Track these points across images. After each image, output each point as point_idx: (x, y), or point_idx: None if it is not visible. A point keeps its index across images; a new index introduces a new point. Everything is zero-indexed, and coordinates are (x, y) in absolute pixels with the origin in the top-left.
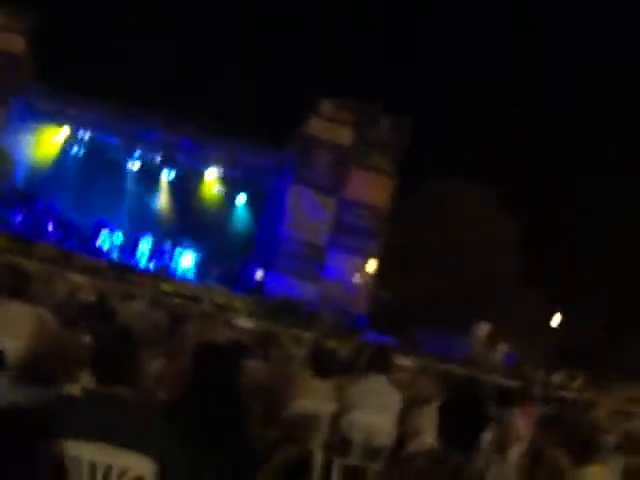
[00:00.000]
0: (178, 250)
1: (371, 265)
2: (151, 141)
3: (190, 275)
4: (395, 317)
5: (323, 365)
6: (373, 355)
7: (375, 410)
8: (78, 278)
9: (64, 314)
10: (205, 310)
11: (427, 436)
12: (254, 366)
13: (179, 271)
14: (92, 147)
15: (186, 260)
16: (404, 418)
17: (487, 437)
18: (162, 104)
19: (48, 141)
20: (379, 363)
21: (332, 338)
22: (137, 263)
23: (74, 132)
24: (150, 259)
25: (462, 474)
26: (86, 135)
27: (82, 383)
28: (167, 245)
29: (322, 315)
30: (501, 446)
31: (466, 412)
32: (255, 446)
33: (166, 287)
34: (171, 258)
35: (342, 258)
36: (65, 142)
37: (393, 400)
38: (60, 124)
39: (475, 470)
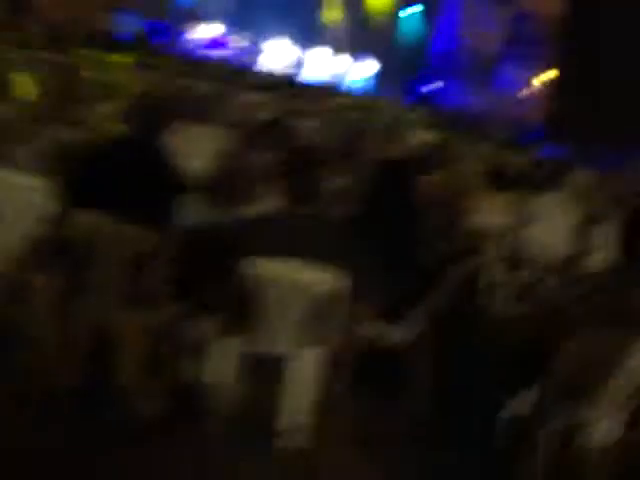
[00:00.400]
0: (352, 63)
1: (547, 75)
2: None
3: (365, 88)
4: (574, 129)
5: (500, 178)
6: (552, 170)
7: (551, 225)
8: (253, 96)
9: (243, 133)
10: (381, 125)
11: (602, 253)
12: (430, 179)
13: (354, 85)
14: None
15: (361, 73)
16: (580, 235)
17: None
18: None
19: None
20: (557, 178)
21: (508, 150)
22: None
23: None
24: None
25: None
26: None
27: (266, 202)
28: (341, 58)
29: (496, 126)
30: None
31: None
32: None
33: (343, 101)
34: (346, 72)
35: (516, 69)
36: None
37: (569, 216)
38: None
39: None
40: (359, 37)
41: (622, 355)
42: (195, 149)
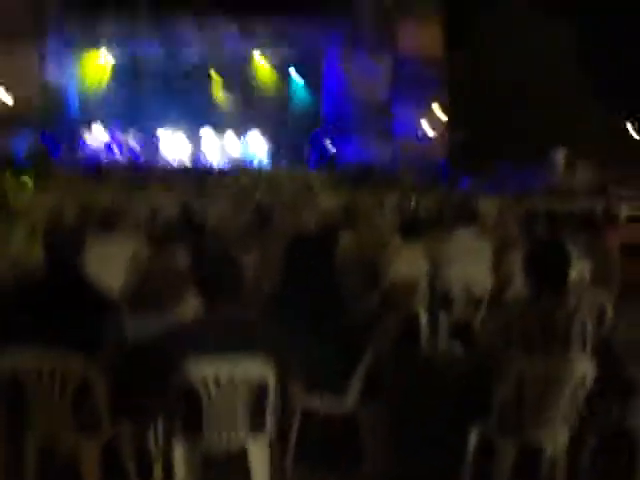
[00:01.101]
0: (244, 140)
1: (438, 111)
2: (193, 39)
3: (263, 162)
4: (472, 157)
5: (411, 228)
6: (458, 207)
7: (469, 262)
8: (158, 197)
9: (153, 237)
10: (287, 196)
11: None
12: (345, 243)
13: (252, 160)
14: (135, 61)
15: (256, 148)
16: (496, 266)
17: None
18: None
19: (92, 66)
20: (465, 214)
21: (415, 193)
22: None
23: (114, 51)
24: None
25: (553, 316)
26: (126, 50)
27: (190, 302)
28: (233, 137)
29: (401, 173)
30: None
31: (550, 253)
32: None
33: (246, 180)
34: (241, 150)
35: (408, 111)
36: (107, 63)
37: (484, 249)
38: (98, 46)
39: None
40: (248, 113)
41: (564, 374)
42: (109, 262)
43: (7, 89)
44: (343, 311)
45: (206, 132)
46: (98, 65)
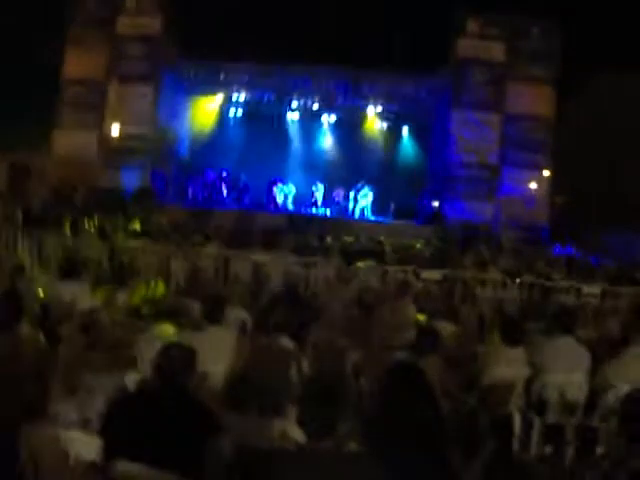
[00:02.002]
0: (352, 193)
1: (545, 175)
2: (307, 89)
3: (368, 215)
4: (575, 223)
5: (513, 334)
6: (558, 315)
7: (566, 369)
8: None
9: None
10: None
11: (620, 387)
12: (446, 334)
13: (356, 213)
14: (249, 107)
15: (362, 201)
16: (595, 373)
17: None
18: (310, 51)
19: (205, 110)
20: (565, 324)
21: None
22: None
23: (228, 96)
24: (326, 206)
25: None
26: (241, 96)
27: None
28: (340, 190)
29: (503, 235)
30: None
31: None
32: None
33: (349, 240)
34: (347, 202)
35: (515, 173)
36: (221, 107)
37: (582, 357)
38: (214, 92)
39: None
40: (356, 165)
41: None
42: (215, 346)
43: (122, 126)
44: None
45: (315, 184)
46: (211, 109)
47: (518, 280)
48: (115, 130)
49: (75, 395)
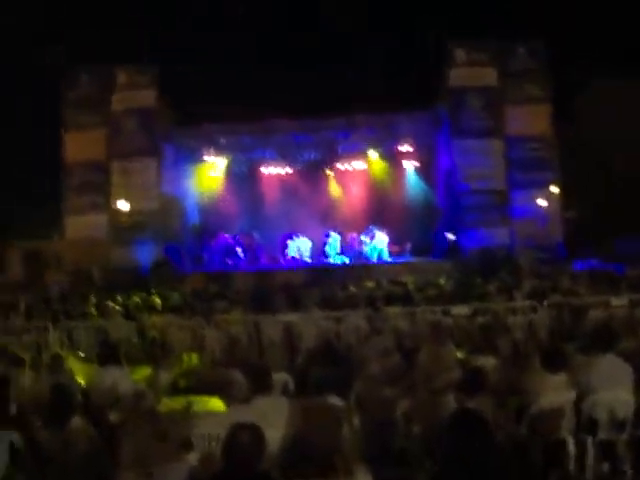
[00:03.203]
0: (365, 238)
1: (553, 191)
2: (308, 142)
3: (385, 257)
4: (591, 236)
5: (553, 361)
6: (596, 334)
7: (613, 386)
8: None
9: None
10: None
11: None
12: (488, 368)
13: (372, 255)
14: (250, 166)
15: (377, 243)
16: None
17: None
18: (303, 106)
19: (209, 175)
20: (603, 342)
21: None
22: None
23: (228, 159)
24: (342, 254)
25: None
26: (241, 158)
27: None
28: (354, 236)
29: (521, 257)
30: None
31: None
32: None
33: (370, 285)
34: (361, 247)
35: (524, 194)
36: (226, 171)
37: (626, 372)
38: (213, 155)
39: None
40: (366, 209)
41: None
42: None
43: (129, 202)
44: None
45: (328, 234)
46: (214, 173)
47: (546, 302)
48: (123, 207)
49: None
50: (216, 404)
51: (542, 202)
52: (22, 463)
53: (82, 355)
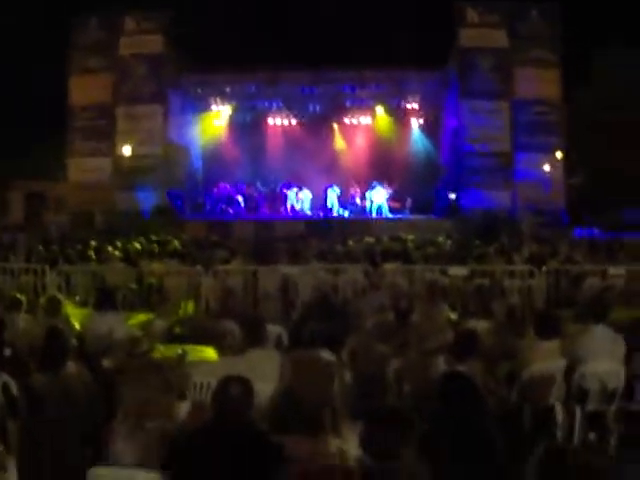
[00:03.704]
0: (368, 192)
1: (558, 157)
2: (314, 94)
3: (385, 213)
4: (593, 203)
5: (547, 328)
6: (590, 304)
7: (604, 357)
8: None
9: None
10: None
11: None
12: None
13: (373, 211)
14: (255, 116)
15: (378, 198)
16: (630, 357)
17: None
18: (312, 57)
19: (213, 124)
20: (598, 312)
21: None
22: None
23: (235, 108)
24: (343, 207)
25: None
26: (248, 107)
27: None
28: (356, 190)
29: (523, 221)
30: None
31: None
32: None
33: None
34: (363, 201)
35: (528, 158)
36: (230, 120)
37: (618, 344)
38: (218, 104)
39: None
40: (369, 164)
41: None
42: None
43: (134, 147)
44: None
45: (330, 187)
46: (219, 122)
47: (544, 268)
48: (127, 152)
49: (135, 435)
50: (209, 353)
51: (546, 167)
52: (16, 407)
53: (78, 299)
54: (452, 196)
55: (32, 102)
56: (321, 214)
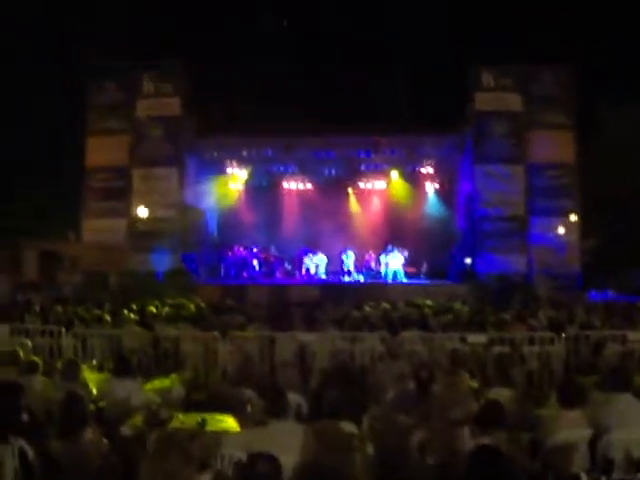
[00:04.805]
0: (383, 256)
1: (572, 219)
2: (330, 159)
3: (401, 278)
4: (608, 266)
5: (571, 397)
6: (613, 372)
7: (629, 426)
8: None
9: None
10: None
11: None
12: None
13: (389, 276)
14: (271, 180)
15: (393, 263)
16: None
17: None
18: (327, 121)
19: (229, 187)
20: (621, 380)
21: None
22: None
23: (250, 172)
24: (358, 272)
25: None
26: (262, 171)
27: None
28: (371, 255)
29: (539, 285)
30: None
31: None
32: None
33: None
34: (378, 265)
35: (544, 221)
36: (246, 184)
37: None
38: (235, 167)
39: None
40: (384, 229)
41: None
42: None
43: (149, 209)
44: None
45: (345, 252)
46: (234, 186)
47: (564, 334)
48: (142, 213)
49: None
50: (230, 423)
51: (561, 230)
52: (33, 474)
53: (94, 362)
54: (467, 261)
55: (48, 162)
56: (336, 278)
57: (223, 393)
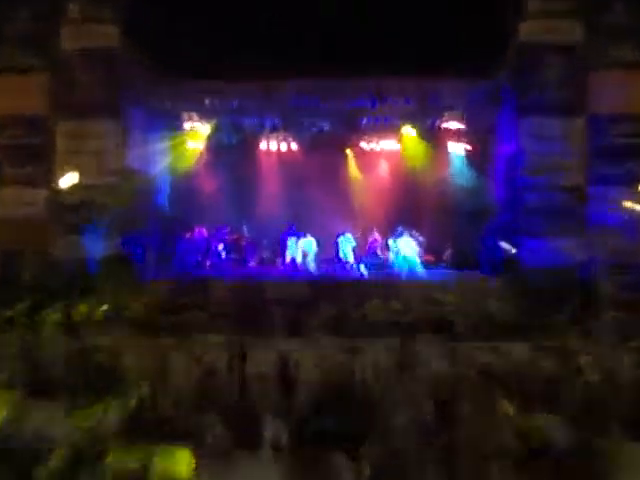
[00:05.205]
0: (392, 241)
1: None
2: (318, 110)
3: (416, 269)
4: None
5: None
6: None
7: None
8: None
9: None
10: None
11: None
12: None
13: (400, 266)
14: (242, 138)
15: (406, 250)
16: None
17: None
18: (317, 61)
19: (187, 148)
20: None
21: None
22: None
23: (215, 127)
24: (359, 262)
25: None
26: (230, 125)
27: None
28: (377, 239)
29: (601, 279)
30: None
31: None
32: None
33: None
34: (386, 253)
35: (609, 194)
36: (209, 143)
37: None
38: (196, 121)
39: None
40: (394, 205)
41: None
42: None
43: (78, 176)
44: None
45: (343, 234)
46: (194, 145)
47: (632, 344)
48: (69, 181)
49: None
50: (183, 457)
51: (633, 206)
52: None
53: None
54: (505, 246)
55: None
56: (330, 270)
57: (177, 419)
